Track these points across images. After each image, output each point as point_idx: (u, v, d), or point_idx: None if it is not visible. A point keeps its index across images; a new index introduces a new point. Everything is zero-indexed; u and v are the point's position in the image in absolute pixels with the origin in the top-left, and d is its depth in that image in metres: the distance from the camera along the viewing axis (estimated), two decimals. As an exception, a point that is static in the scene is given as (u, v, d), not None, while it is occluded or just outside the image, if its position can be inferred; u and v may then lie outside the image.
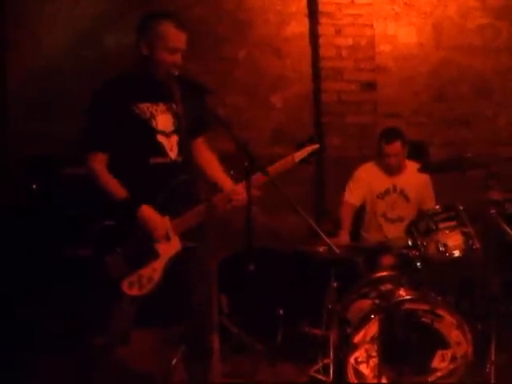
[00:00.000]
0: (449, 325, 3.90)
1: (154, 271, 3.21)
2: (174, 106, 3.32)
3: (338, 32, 5.84)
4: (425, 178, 5.03)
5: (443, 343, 3.93)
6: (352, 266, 4.61)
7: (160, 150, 3.28)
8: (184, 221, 3.26)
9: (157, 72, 3.27)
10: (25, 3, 5.52)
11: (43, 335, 4.42)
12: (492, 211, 4.04)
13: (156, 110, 3.28)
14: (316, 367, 4.27)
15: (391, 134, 4.98)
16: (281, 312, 4.71)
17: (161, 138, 3.28)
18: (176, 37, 3.24)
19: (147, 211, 3.18)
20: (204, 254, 3.39)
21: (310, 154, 3.42)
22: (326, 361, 4.21)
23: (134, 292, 3.20)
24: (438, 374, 3.95)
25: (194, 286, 3.35)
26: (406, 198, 4.99)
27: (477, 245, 4.02)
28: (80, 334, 3.54)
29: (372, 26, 5.95)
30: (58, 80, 5.37)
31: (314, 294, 4.47)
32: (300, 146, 3.43)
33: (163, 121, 3.30)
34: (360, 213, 5.12)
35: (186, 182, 3.30)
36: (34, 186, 4.88)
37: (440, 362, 3.94)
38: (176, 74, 3.29)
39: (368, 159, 5.25)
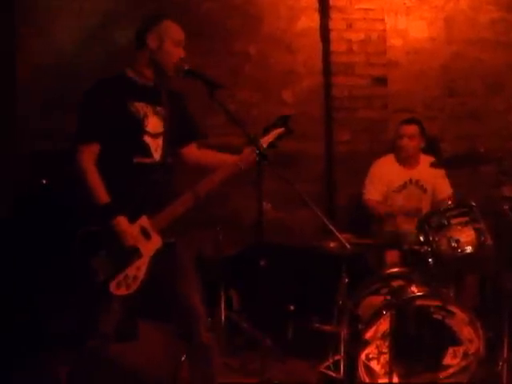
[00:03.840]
0: (461, 321, 3.89)
1: (138, 270, 3.28)
2: (162, 109, 3.44)
3: (349, 26, 5.81)
4: (437, 170, 5.04)
5: (455, 340, 3.92)
6: (363, 262, 4.61)
7: (145, 150, 3.37)
8: (163, 217, 3.34)
9: (165, 65, 3.39)
10: (33, 0, 5.51)
11: (43, 335, 4.43)
12: (504, 207, 4.02)
13: (149, 111, 3.38)
14: (327, 363, 4.27)
15: (409, 119, 5.16)
16: (291, 308, 4.70)
17: (147, 139, 3.37)
18: (179, 30, 3.45)
19: (121, 223, 3.25)
20: (182, 249, 3.46)
21: (277, 138, 3.46)
22: (336, 357, 4.22)
23: (122, 292, 3.26)
24: (450, 370, 3.95)
25: (176, 281, 3.40)
26: (423, 189, 5.03)
27: (489, 241, 3.99)
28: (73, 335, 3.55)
29: (383, 20, 5.91)
30: (67, 77, 5.37)
31: (324, 290, 4.46)
32: (265, 131, 3.45)
33: (153, 122, 3.40)
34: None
35: (162, 182, 3.41)
36: (44, 182, 4.89)
37: (452, 359, 3.94)
38: (186, 67, 3.39)
39: (379, 154, 5.24)
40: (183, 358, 3.88)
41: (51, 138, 5.25)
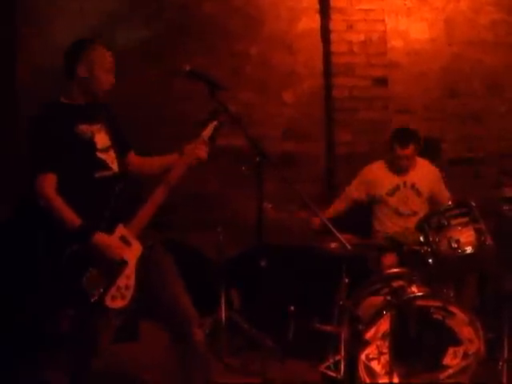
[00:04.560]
0: (461, 321, 3.89)
1: (128, 278, 3.30)
2: (103, 124, 3.48)
3: (350, 27, 5.82)
4: (434, 171, 5.10)
5: (455, 340, 3.92)
6: (363, 263, 4.61)
7: (103, 165, 3.42)
8: (139, 221, 3.37)
9: (98, 92, 3.43)
10: (34, 0, 5.52)
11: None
12: (505, 207, 4.03)
13: (93, 130, 3.43)
14: (327, 364, 4.26)
15: (406, 138, 4.98)
16: (292, 308, 4.70)
17: (101, 155, 3.42)
18: (109, 57, 3.45)
19: (100, 239, 3.26)
20: (160, 250, 3.49)
21: (215, 131, 3.47)
22: (337, 357, 4.21)
23: (118, 304, 3.27)
24: (450, 370, 3.94)
25: (163, 283, 3.42)
26: (418, 193, 5.03)
27: (489, 241, 3.99)
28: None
29: (384, 21, 5.92)
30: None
31: (325, 291, 4.47)
32: (203, 125, 3.48)
33: (101, 139, 3.45)
34: (372, 207, 5.14)
35: (128, 189, 3.44)
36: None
37: (452, 359, 3.93)
38: (188, 68, 3.44)
39: (379, 155, 5.24)
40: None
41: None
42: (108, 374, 3.61)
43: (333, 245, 4.14)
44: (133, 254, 3.33)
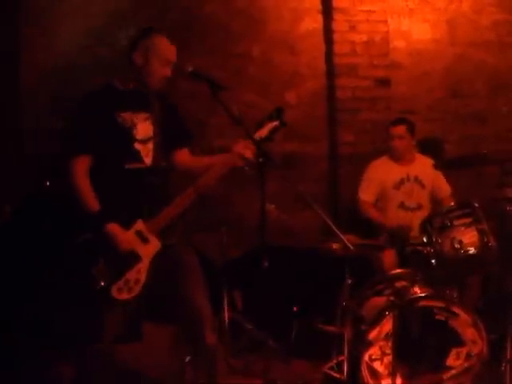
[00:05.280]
0: (464, 322, 3.89)
1: (138, 273, 3.31)
2: (151, 114, 3.46)
3: (352, 28, 5.83)
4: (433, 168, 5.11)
5: (458, 341, 3.92)
6: (366, 263, 4.61)
7: (136, 157, 3.41)
8: (161, 219, 3.36)
9: (150, 82, 3.42)
10: (38, 0, 5.52)
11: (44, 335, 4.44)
12: (508, 208, 4.02)
13: (137, 119, 3.41)
14: (330, 364, 4.27)
15: (398, 119, 5.22)
16: (295, 309, 4.71)
17: (138, 146, 3.41)
18: (168, 49, 3.43)
19: (112, 229, 3.28)
20: (183, 250, 3.48)
21: (272, 132, 3.40)
22: (340, 358, 4.21)
23: (124, 296, 3.29)
24: (453, 371, 3.94)
25: (179, 283, 3.41)
26: (421, 185, 5.09)
27: (492, 242, 3.99)
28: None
29: (386, 21, 5.93)
30: (71, 78, 5.38)
31: (328, 291, 4.47)
32: (259, 125, 3.41)
33: (143, 129, 3.43)
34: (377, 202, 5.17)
35: (157, 185, 3.43)
36: (48, 183, 4.90)
37: (455, 360, 3.93)
38: (190, 69, 3.41)
39: (381, 156, 5.25)
40: (187, 359, 3.88)
41: (55, 139, 5.25)
42: (111, 374, 3.61)
43: (335, 245, 4.14)
44: (148, 250, 3.33)
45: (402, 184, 5.10)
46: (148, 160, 3.43)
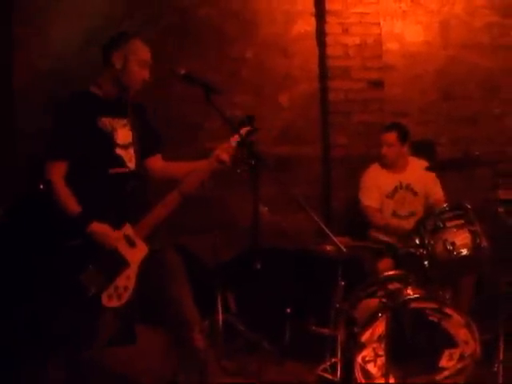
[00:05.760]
0: (456, 323, 3.90)
1: (127, 279, 3.31)
2: (128, 120, 3.50)
3: (345, 31, 5.83)
4: (427, 172, 5.09)
5: (451, 342, 3.93)
6: (359, 265, 4.62)
7: (119, 161, 3.43)
8: (147, 223, 3.37)
9: (129, 85, 3.46)
10: (32, 1, 5.52)
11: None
12: (500, 210, 4.04)
13: (116, 124, 3.44)
14: (323, 366, 4.27)
15: (390, 125, 5.15)
16: (288, 311, 4.71)
17: (119, 151, 3.43)
18: (145, 51, 3.50)
19: (97, 227, 3.28)
20: (167, 253, 3.49)
21: (246, 136, 3.44)
22: (333, 360, 4.22)
23: (114, 303, 3.29)
24: (446, 373, 3.95)
25: (165, 286, 3.42)
26: (414, 193, 5.06)
27: (484, 243, 4.00)
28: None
29: (379, 24, 5.93)
30: (65, 79, 5.37)
31: (321, 293, 4.47)
32: (232, 131, 3.45)
33: (122, 134, 3.45)
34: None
35: (140, 190, 3.46)
36: (42, 187, 4.89)
37: (448, 361, 3.93)
38: (183, 72, 3.47)
39: (375, 158, 5.25)
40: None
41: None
42: (105, 378, 3.61)
43: (328, 247, 4.15)
44: (136, 255, 3.33)
45: (395, 192, 5.07)
46: (131, 165, 3.46)
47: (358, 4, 5.85)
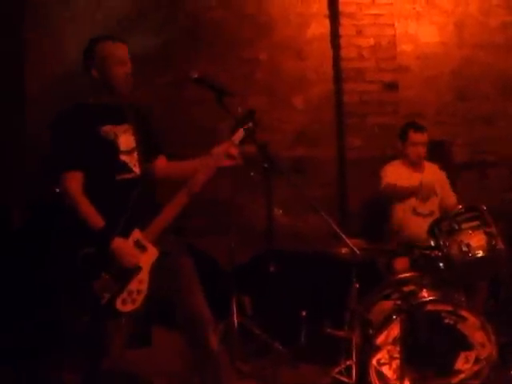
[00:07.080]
0: (472, 326, 3.88)
1: (140, 283, 3.30)
2: (129, 125, 3.48)
3: (359, 32, 5.83)
4: (442, 175, 5.15)
5: (467, 344, 3.90)
6: (374, 268, 4.60)
7: (125, 167, 3.42)
8: (156, 226, 3.36)
9: (117, 86, 3.44)
10: (45, 4, 5.54)
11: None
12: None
13: (118, 131, 3.43)
14: (338, 369, 4.26)
15: (418, 125, 5.12)
16: (303, 313, 4.70)
17: (124, 157, 3.43)
18: (116, 48, 3.45)
19: (118, 244, 3.27)
20: (178, 255, 3.47)
21: (246, 134, 3.42)
22: (348, 362, 4.20)
23: (129, 308, 3.28)
24: (462, 375, 3.93)
25: (177, 289, 3.42)
26: (434, 192, 5.03)
27: (500, 245, 3.98)
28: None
29: (393, 25, 5.92)
30: (77, 83, 5.37)
31: (336, 296, 4.47)
32: (233, 129, 3.43)
33: (125, 140, 3.44)
34: (390, 207, 5.11)
35: (147, 194, 3.44)
36: (58, 190, 4.92)
37: (463, 364, 3.92)
38: (195, 75, 3.45)
39: (390, 160, 5.23)
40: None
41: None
42: (121, 380, 3.62)
43: (343, 250, 4.14)
44: (147, 259, 3.32)
45: (420, 189, 5.05)
46: (137, 170, 3.45)
47: (372, 6, 5.84)
